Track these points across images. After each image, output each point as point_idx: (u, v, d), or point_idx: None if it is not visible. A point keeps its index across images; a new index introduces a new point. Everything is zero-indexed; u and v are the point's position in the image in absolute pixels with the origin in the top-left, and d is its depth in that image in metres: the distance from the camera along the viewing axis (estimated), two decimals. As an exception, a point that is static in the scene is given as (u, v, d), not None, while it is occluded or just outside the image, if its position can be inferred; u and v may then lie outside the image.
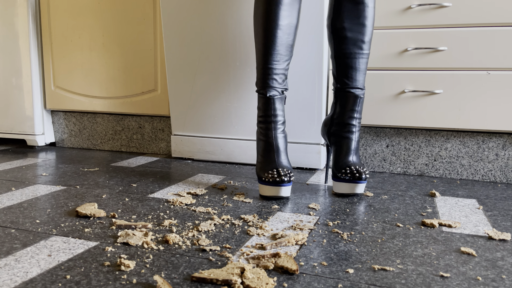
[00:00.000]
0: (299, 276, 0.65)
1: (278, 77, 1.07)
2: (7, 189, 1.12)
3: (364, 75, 1.10)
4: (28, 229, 0.83)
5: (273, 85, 1.07)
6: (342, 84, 1.10)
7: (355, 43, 1.07)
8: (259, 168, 1.08)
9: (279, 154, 1.06)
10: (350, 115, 1.10)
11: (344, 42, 1.08)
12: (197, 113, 1.49)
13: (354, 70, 1.09)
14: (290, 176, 1.03)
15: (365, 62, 1.09)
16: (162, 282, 0.60)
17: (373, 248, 0.76)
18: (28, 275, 0.64)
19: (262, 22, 1.04)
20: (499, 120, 1.24)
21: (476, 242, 0.80)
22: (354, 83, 1.09)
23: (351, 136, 1.09)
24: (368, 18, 1.07)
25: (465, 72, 1.26)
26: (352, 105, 1.09)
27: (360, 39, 1.07)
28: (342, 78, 1.10)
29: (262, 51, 1.06)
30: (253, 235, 0.81)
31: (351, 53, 1.08)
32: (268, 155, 1.07)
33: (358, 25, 1.07)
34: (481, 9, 1.22)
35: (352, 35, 1.07)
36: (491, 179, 1.30)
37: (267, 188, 1.04)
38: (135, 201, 1.02)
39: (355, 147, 1.09)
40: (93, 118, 1.75)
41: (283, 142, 1.08)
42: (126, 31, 1.61)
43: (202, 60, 1.45)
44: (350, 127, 1.10)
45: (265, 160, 1.07)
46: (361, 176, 1.04)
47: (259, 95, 1.09)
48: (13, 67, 1.71)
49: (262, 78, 1.07)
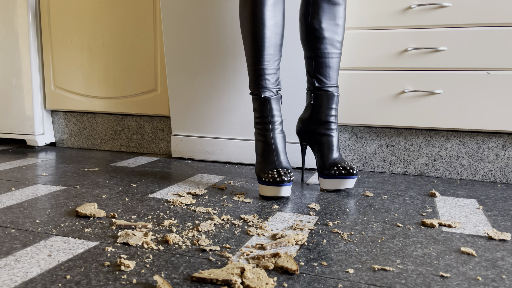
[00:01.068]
0: (299, 276, 0.65)
1: (270, 77, 1.08)
2: (7, 189, 1.12)
3: (338, 74, 1.15)
4: (28, 229, 0.83)
5: (266, 85, 1.08)
6: (320, 83, 1.13)
7: (332, 43, 1.11)
8: (258, 169, 1.08)
9: (278, 154, 1.07)
10: (329, 113, 1.13)
11: (322, 42, 1.11)
12: (197, 113, 1.49)
13: (331, 69, 1.13)
14: (290, 176, 1.04)
15: (339, 61, 1.14)
16: (162, 282, 0.60)
17: (373, 248, 0.76)
18: (28, 275, 0.64)
19: (249, 24, 1.05)
20: (499, 120, 1.24)
21: (476, 242, 0.80)
22: (331, 81, 1.13)
23: (332, 133, 1.13)
24: (342, 18, 1.12)
25: (465, 72, 1.26)
26: (330, 103, 1.12)
27: (336, 39, 1.12)
28: (319, 77, 1.13)
29: (252, 53, 1.07)
30: (253, 235, 0.81)
31: (328, 52, 1.12)
32: (267, 155, 1.08)
33: (334, 26, 1.11)
34: (481, 9, 1.22)
35: (329, 35, 1.11)
36: (491, 179, 1.30)
37: (267, 188, 1.04)
38: (135, 201, 1.02)
39: (338, 144, 1.14)
40: (93, 118, 1.75)
41: (281, 142, 1.09)
42: (126, 31, 1.61)
43: (202, 60, 1.45)
44: (330, 125, 1.13)
45: (264, 160, 1.08)
46: (353, 172, 1.09)
47: (254, 97, 1.10)
48: (13, 67, 1.71)
49: (255, 80, 1.08)
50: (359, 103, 1.36)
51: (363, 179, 1.29)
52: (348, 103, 1.37)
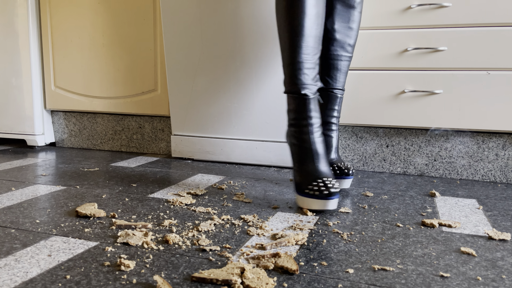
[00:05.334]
0: (299, 276, 0.65)
1: (309, 71, 0.96)
2: (7, 189, 1.12)
3: (346, 77, 1.14)
4: (28, 229, 0.83)
5: (305, 81, 0.96)
6: (325, 84, 1.12)
7: (342, 46, 1.10)
8: (299, 178, 0.97)
9: (320, 161, 0.96)
10: (331, 114, 1.12)
11: (333, 44, 1.10)
12: (197, 113, 1.49)
13: (338, 72, 1.12)
14: (336, 188, 0.94)
15: (348, 65, 1.13)
16: (162, 282, 0.60)
17: (373, 248, 0.76)
18: (28, 275, 0.64)
19: (287, 12, 0.94)
20: (499, 120, 1.24)
21: (476, 242, 0.80)
22: (337, 84, 1.12)
23: (332, 134, 1.12)
24: (355, 22, 1.10)
25: (465, 72, 1.26)
26: (333, 105, 1.12)
27: (347, 42, 1.10)
28: (325, 78, 1.12)
29: (289, 44, 0.95)
30: (253, 235, 0.81)
31: (338, 55, 1.11)
32: (307, 162, 0.97)
33: (347, 29, 1.10)
34: (481, 9, 1.22)
35: (341, 38, 1.10)
36: (491, 179, 1.30)
37: (311, 201, 0.94)
38: (135, 201, 1.02)
39: (336, 145, 1.13)
40: (93, 118, 1.75)
41: (322, 147, 0.98)
42: (126, 31, 1.61)
43: (202, 60, 1.45)
44: (330, 125, 1.12)
45: (305, 169, 0.97)
46: (349, 172, 1.08)
47: (290, 95, 0.99)
48: (13, 67, 1.71)
49: (292, 75, 0.97)
50: (359, 103, 1.36)
51: (363, 179, 1.29)
52: (348, 103, 1.37)
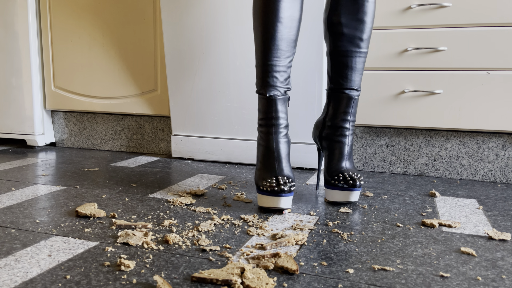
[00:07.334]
0: (299, 276, 0.65)
1: (279, 75, 0.97)
2: (7, 189, 1.12)
3: (361, 76, 1.03)
4: (28, 229, 0.83)
5: (274, 83, 0.97)
6: (337, 84, 1.04)
7: (351, 41, 1.00)
8: (257, 176, 0.98)
9: (280, 161, 0.96)
10: (343, 118, 1.03)
11: (340, 39, 1.01)
12: (197, 113, 1.49)
13: (350, 70, 1.02)
14: (291, 186, 0.93)
15: (363, 61, 1.02)
16: (162, 282, 0.60)
17: (373, 248, 0.76)
18: (28, 275, 0.64)
19: (260, 15, 0.95)
20: (499, 120, 1.24)
21: (476, 242, 0.80)
22: (349, 83, 1.03)
23: (344, 140, 1.03)
24: (367, 14, 0.99)
25: (465, 72, 1.26)
26: (345, 107, 1.03)
27: (357, 36, 1.00)
28: (336, 78, 1.03)
29: (261, 46, 0.96)
30: (253, 235, 0.81)
31: (347, 51, 1.01)
32: (268, 162, 0.97)
33: (355, 21, 0.99)
34: (481, 9, 1.22)
35: (349, 32, 1.00)
36: (491, 179, 1.30)
37: (265, 198, 0.95)
38: (135, 201, 1.02)
39: (348, 152, 1.03)
40: (93, 118, 1.75)
41: (285, 148, 0.98)
42: (126, 31, 1.61)
43: (202, 60, 1.45)
44: (343, 131, 1.03)
45: (264, 167, 0.97)
46: (355, 183, 0.98)
47: (259, 95, 1.00)
48: (13, 67, 1.71)
49: (262, 77, 0.97)
50: (359, 103, 1.36)
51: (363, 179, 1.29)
52: (348, 103, 1.37)
